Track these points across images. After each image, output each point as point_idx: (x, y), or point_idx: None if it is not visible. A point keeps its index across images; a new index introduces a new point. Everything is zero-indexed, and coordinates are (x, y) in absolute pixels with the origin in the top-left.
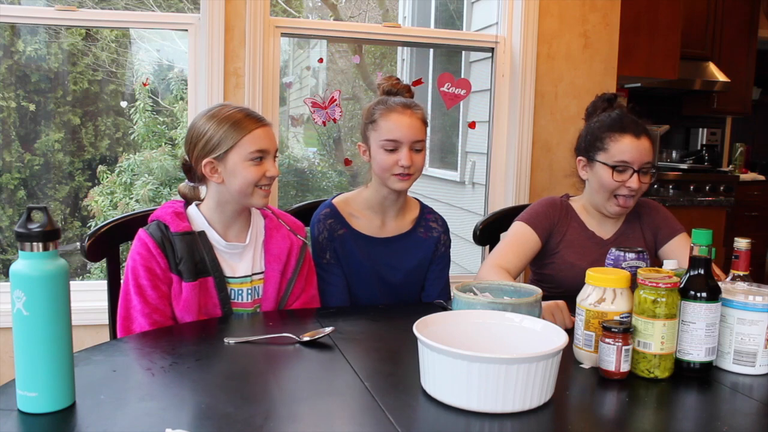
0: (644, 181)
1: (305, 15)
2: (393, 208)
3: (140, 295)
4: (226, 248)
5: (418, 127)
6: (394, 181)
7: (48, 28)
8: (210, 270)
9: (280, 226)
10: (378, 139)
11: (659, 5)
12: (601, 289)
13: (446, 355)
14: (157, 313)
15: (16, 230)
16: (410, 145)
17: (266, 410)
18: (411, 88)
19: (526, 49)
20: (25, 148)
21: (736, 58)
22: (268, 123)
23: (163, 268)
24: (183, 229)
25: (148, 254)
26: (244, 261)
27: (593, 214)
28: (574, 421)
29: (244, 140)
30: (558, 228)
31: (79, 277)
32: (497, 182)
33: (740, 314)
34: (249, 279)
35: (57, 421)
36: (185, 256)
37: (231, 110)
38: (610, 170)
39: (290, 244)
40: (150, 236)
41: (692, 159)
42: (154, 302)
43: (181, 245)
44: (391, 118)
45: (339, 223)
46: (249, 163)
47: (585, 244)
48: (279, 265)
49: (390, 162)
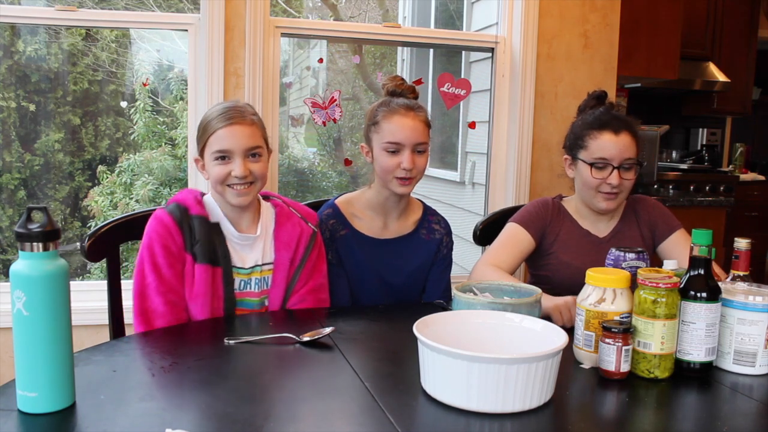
0: (626, 177)
1: (305, 15)
2: (395, 210)
3: (156, 272)
4: (238, 239)
5: (420, 130)
6: (395, 185)
7: (48, 28)
8: (221, 260)
9: (291, 214)
10: (380, 141)
11: (659, 5)
12: (601, 289)
13: (446, 355)
14: (173, 292)
15: (16, 230)
16: (412, 148)
17: (266, 410)
18: (415, 89)
19: (526, 49)
20: (25, 148)
21: (736, 58)
22: (244, 121)
23: (179, 246)
24: (202, 213)
25: (165, 232)
26: (255, 252)
27: (585, 213)
28: (574, 421)
29: (210, 140)
30: (551, 228)
31: (79, 277)
32: (497, 182)
33: (740, 314)
34: (259, 269)
35: (57, 421)
36: (202, 240)
37: (215, 108)
38: (589, 167)
39: (300, 232)
40: (169, 214)
41: (692, 159)
42: (170, 280)
43: (200, 229)
44: (394, 120)
45: (341, 224)
46: (215, 162)
47: (580, 243)
48: (289, 253)
49: (392, 164)
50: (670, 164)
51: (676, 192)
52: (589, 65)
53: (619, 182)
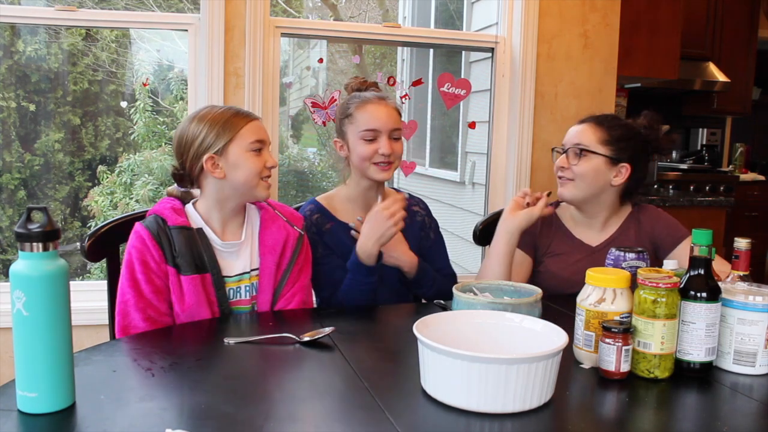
0: (573, 163)
1: (305, 15)
2: (375, 200)
3: (135, 288)
4: (222, 247)
5: (394, 116)
6: (375, 171)
7: (48, 28)
8: (208, 266)
9: (276, 217)
10: (357, 131)
11: (659, 5)
12: (601, 289)
13: (446, 355)
14: (151, 308)
15: (16, 230)
16: (389, 134)
17: (266, 410)
18: (377, 84)
19: (526, 49)
20: (25, 148)
21: (736, 58)
22: (258, 117)
23: (158, 261)
24: (181, 223)
25: (142, 246)
26: (241, 259)
27: (579, 220)
28: (574, 421)
29: (242, 131)
30: (541, 241)
31: (79, 277)
32: (497, 182)
33: (740, 314)
34: (247, 276)
35: (57, 422)
36: (184, 250)
37: (220, 110)
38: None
39: (286, 236)
40: (146, 228)
41: (692, 159)
42: (149, 296)
43: (179, 239)
44: (368, 109)
45: (325, 217)
46: (250, 154)
47: (571, 252)
48: (274, 257)
49: (370, 151)
50: (670, 164)
51: (676, 192)
52: (589, 65)
53: (562, 164)
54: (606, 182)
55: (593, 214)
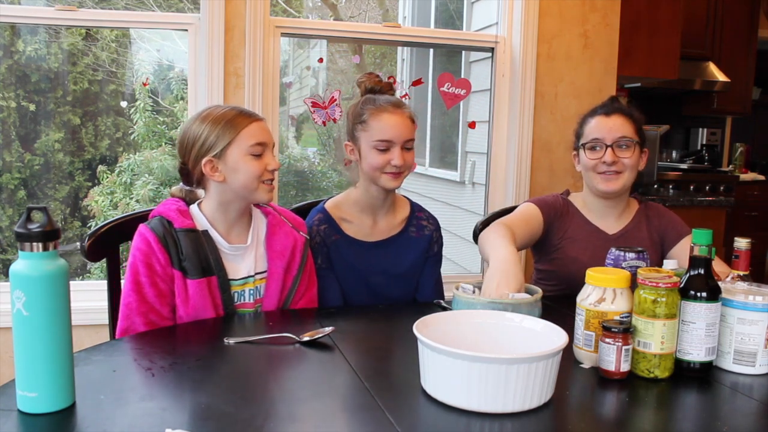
0: (622, 156)
1: (305, 15)
2: (383, 207)
3: (138, 292)
4: (228, 250)
5: (409, 126)
6: (386, 180)
7: (48, 28)
8: (214, 269)
9: (283, 223)
10: (370, 140)
11: (659, 5)
12: (601, 288)
13: (446, 355)
14: (153, 312)
15: (16, 230)
16: (402, 145)
17: (266, 410)
18: (392, 86)
19: (526, 49)
20: (25, 148)
21: (736, 58)
22: (263, 118)
23: (163, 264)
24: (187, 226)
25: (148, 249)
26: (246, 262)
27: (594, 209)
28: (574, 421)
29: (241, 134)
30: (560, 222)
31: (79, 277)
32: (497, 182)
33: (740, 314)
34: (252, 279)
35: (57, 421)
36: (191, 254)
37: (224, 109)
38: (585, 150)
39: (294, 241)
40: (151, 231)
41: (692, 159)
42: (151, 300)
43: (186, 242)
44: (383, 118)
45: (332, 229)
46: (249, 158)
47: (589, 238)
48: (282, 262)
49: (382, 162)
50: (670, 164)
51: (676, 192)
52: (589, 65)
53: (613, 158)
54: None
55: (617, 203)
